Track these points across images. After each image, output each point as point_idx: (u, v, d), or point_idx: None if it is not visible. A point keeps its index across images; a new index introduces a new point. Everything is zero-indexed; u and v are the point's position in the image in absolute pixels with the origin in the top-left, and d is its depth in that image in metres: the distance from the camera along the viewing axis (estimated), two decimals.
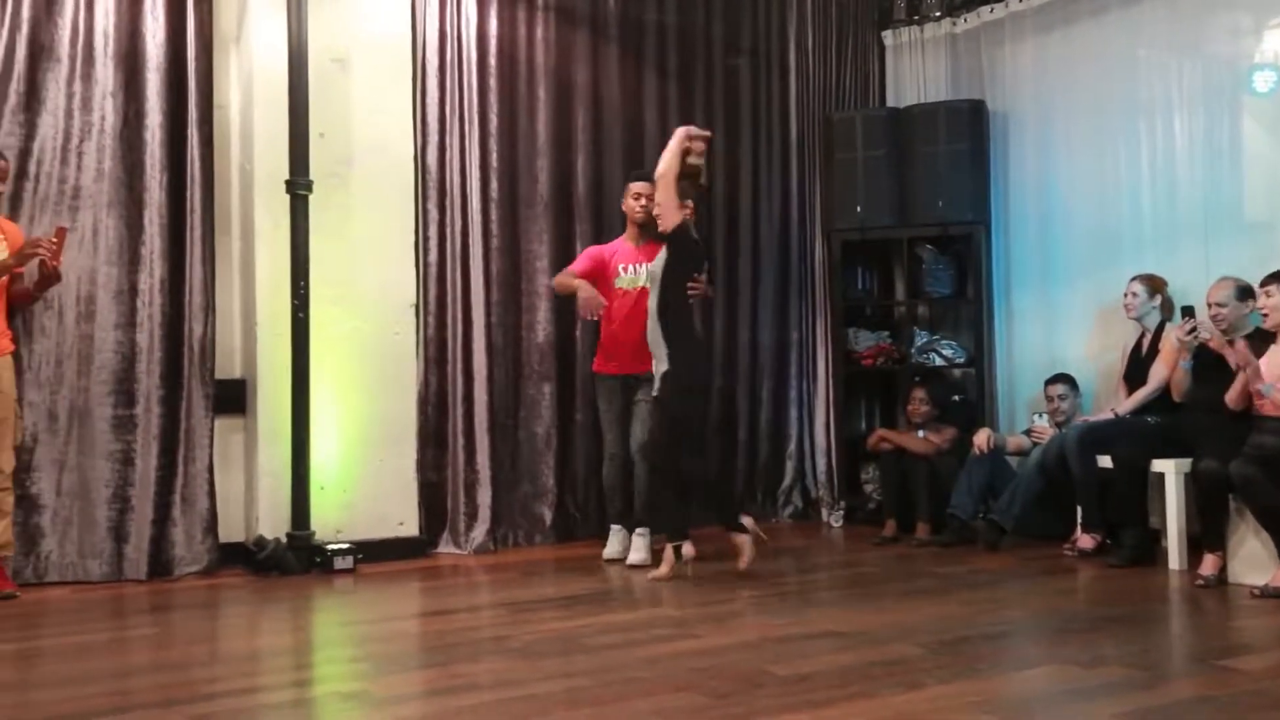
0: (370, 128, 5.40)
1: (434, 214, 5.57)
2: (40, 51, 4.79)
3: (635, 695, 3.12)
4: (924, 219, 6.32)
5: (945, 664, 3.40)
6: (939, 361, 6.39)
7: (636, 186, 5.29)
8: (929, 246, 6.42)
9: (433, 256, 5.57)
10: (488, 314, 5.66)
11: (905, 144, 6.33)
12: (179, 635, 4.15)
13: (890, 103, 6.81)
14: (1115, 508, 5.09)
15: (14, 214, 4.76)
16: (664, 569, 4.81)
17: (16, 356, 4.73)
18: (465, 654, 3.70)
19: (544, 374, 5.85)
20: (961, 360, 6.38)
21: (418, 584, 5.00)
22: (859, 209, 6.38)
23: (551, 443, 5.85)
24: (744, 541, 4.89)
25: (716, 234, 6.50)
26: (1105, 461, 5.11)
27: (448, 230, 5.59)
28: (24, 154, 4.78)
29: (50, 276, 4.62)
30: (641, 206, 5.23)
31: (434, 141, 5.57)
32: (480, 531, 5.58)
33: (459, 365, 5.59)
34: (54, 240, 4.54)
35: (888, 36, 6.92)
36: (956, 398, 6.30)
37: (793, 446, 6.67)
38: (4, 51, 4.71)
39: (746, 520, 5.08)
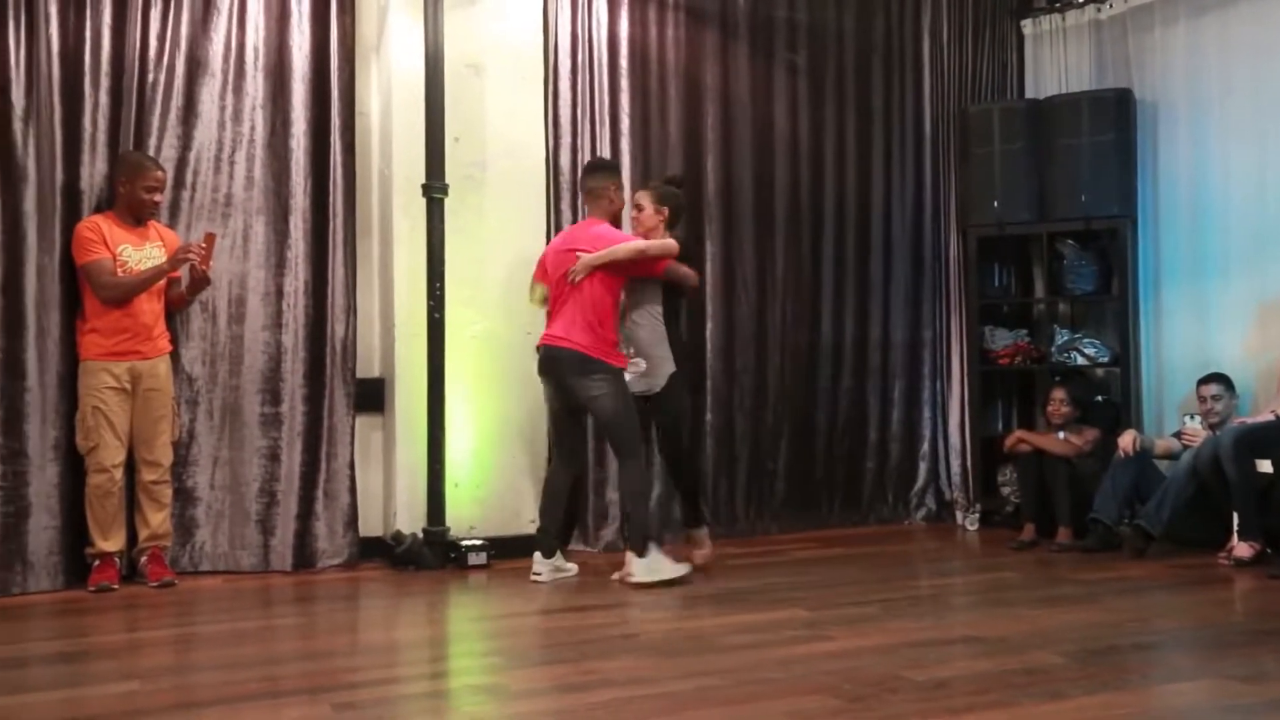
0: (504, 131, 5.49)
1: (567, 214, 5.63)
2: (196, 67, 5.02)
3: (768, 696, 3.10)
4: (1065, 213, 6.10)
5: (1091, 674, 3.28)
6: (1081, 361, 6.17)
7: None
8: (1070, 242, 6.20)
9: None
10: None
11: (1045, 136, 6.13)
12: (322, 625, 4.29)
13: (1029, 94, 6.61)
14: (1276, 515, 4.83)
15: (172, 222, 5.01)
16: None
17: (174, 357, 4.97)
18: (596, 650, 3.73)
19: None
20: (1105, 359, 6.14)
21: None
22: (996, 204, 6.21)
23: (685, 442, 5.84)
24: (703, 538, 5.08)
25: (847, 232, 6.41)
26: (1265, 466, 4.85)
27: None
28: (181, 164, 5.02)
29: (200, 280, 4.84)
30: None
31: (566, 143, 5.64)
32: (610, 530, 5.62)
33: None
34: (203, 245, 4.76)
35: (1027, 25, 6.71)
36: (1099, 398, 6.07)
37: (925, 447, 6.53)
38: (166, 68, 4.96)
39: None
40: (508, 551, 5.28)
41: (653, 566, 4.65)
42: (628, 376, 4.84)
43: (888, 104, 6.53)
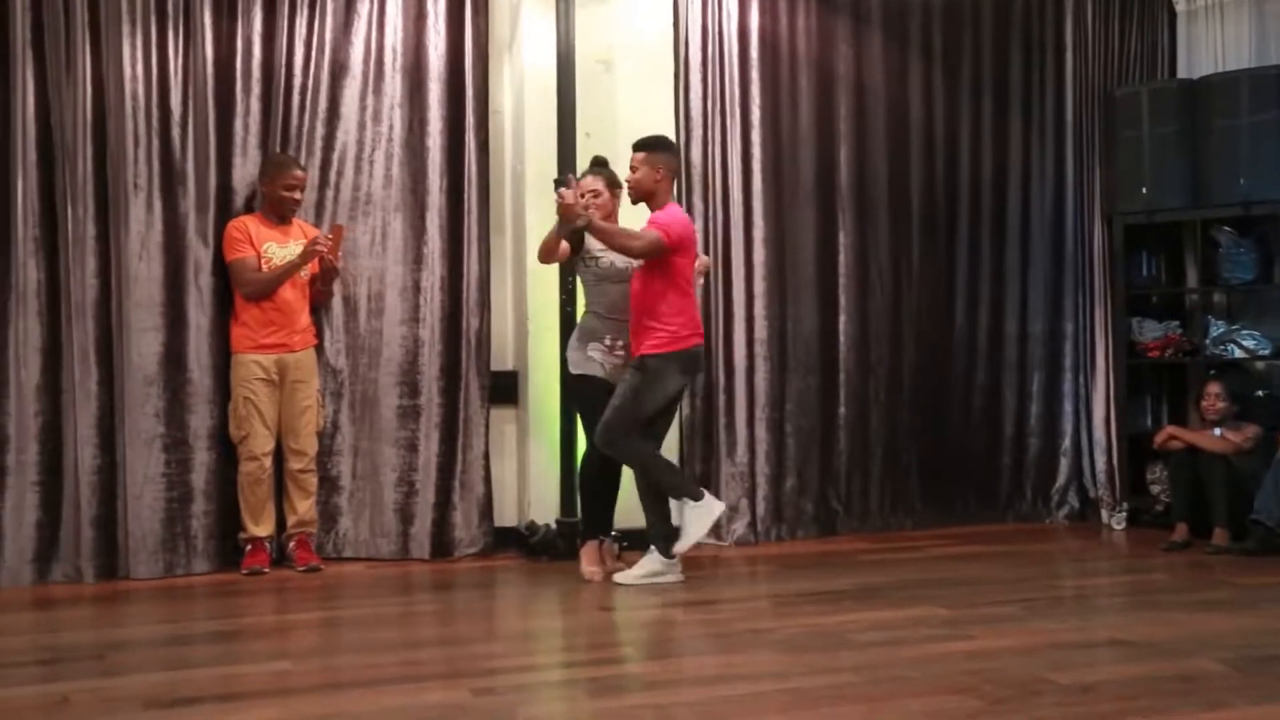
0: (634, 125, 5.47)
1: (698, 207, 5.63)
2: (339, 70, 5.19)
3: (905, 695, 3.04)
4: (1222, 199, 5.80)
5: (1255, 684, 3.11)
6: (1238, 354, 5.85)
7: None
8: (1227, 229, 5.89)
9: (697, 250, 5.63)
10: (749, 306, 5.67)
11: (1200, 118, 5.82)
12: (460, 613, 4.39)
13: (1181, 74, 6.30)
14: None
15: (317, 220, 5.18)
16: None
17: (319, 350, 5.16)
18: (728, 645, 3.72)
19: (809, 366, 5.81)
20: (1266, 352, 5.82)
21: (680, 573, 5.05)
22: (1144, 190, 5.94)
23: (816, 435, 5.80)
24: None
25: (983, 221, 6.24)
26: None
27: (710, 223, 5.64)
28: (325, 164, 5.19)
29: (329, 271, 4.98)
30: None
31: (697, 136, 5.63)
32: (741, 524, 5.60)
33: (720, 358, 5.64)
34: (329, 236, 4.91)
35: (1179, 3, 6.39)
36: (1260, 393, 5.75)
37: (1067, 443, 6.30)
38: (313, 71, 5.14)
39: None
40: (641, 543, 5.29)
41: (649, 569, 4.62)
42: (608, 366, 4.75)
43: (1027, 88, 6.32)
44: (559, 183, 4.56)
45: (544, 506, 5.34)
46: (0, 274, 4.70)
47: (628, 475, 4.80)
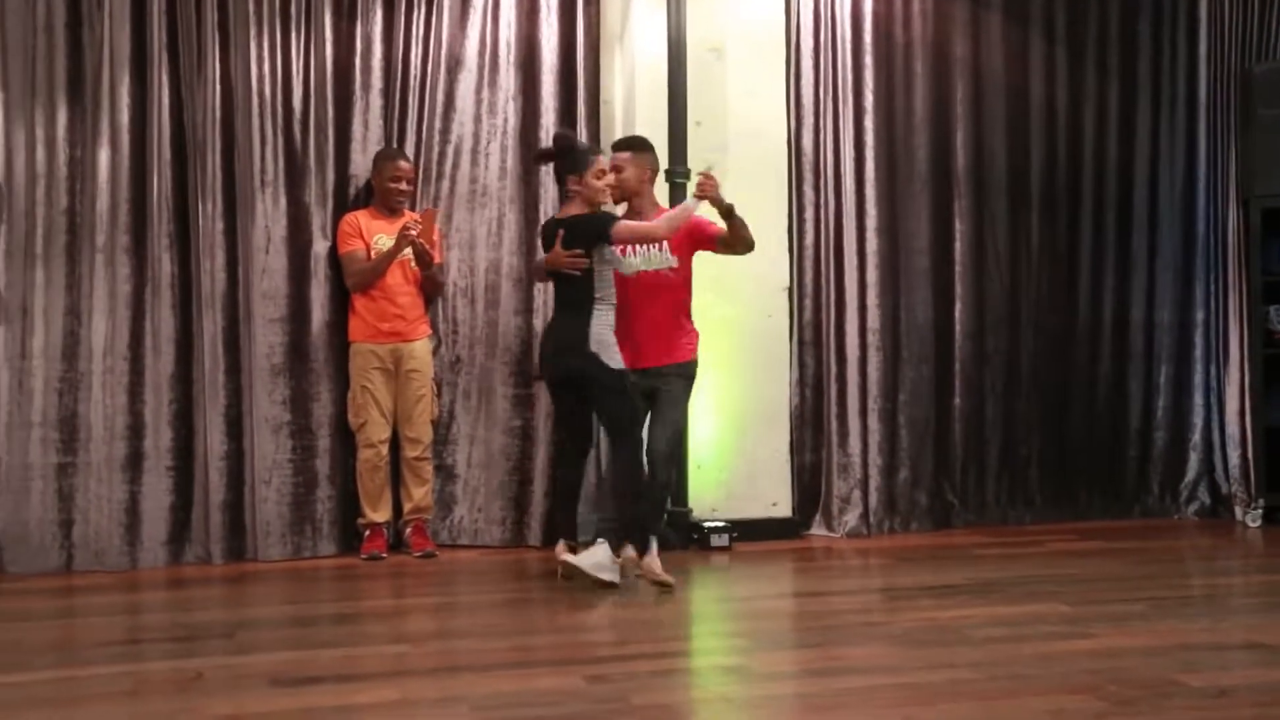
0: (745, 114, 5.47)
1: (809, 196, 5.57)
2: (455, 64, 5.28)
3: (1026, 693, 2.96)
4: None
5: None
6: None
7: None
8: None
9: (808, 239, 5.58)
10: (861, 295, 5.59)
11: None
12: (569, 601, 4.42)
13: None
14: None
15: (456, 217, 5.26)
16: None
17: (435, 339, 5.26)
18: (841, 637, 3.67)
19: (923, 356, 5.70)
20: None
21: (791, 564, 5.03)
22: None
23: (930, 426, 5.69)
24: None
25: (1107, 206, 6.02)
26: None
27: (822, 212, 5.58)
28: (441, 157, 5.29)
29: (423, 255, 5.01)
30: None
31: (809, 123, 5.57)
32: (853, 515, 5.53)
33: (832, 347, 5.57)
34: (418, 220, 4.96)
35: None
36: None
37: (1197, 437, 6.06)
38: (429, 66, 5.23)
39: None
40: (750, 534, 5.29)
41: (596, 558, 4.32)
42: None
43: (1156, 67, 6.08)
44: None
45: None
46: (137, 267, 4.91)
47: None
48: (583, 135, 5.34)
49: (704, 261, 5.32)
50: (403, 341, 5.07)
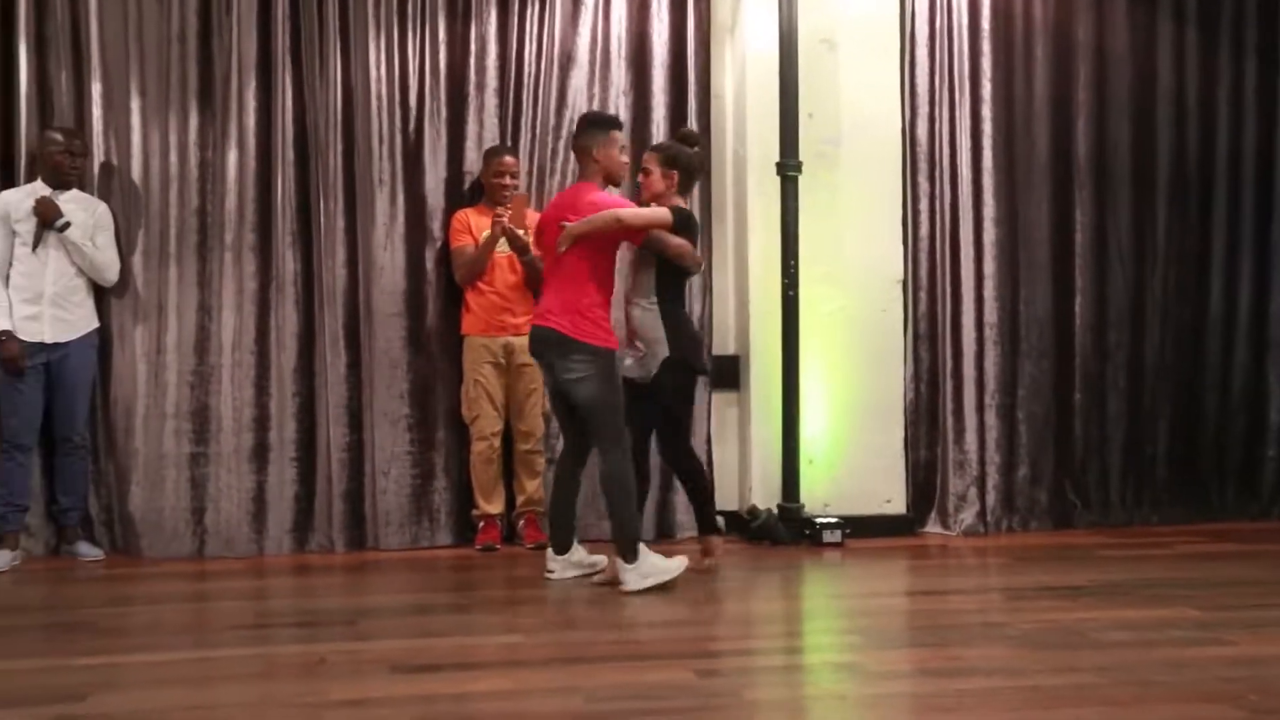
0: (858, 105, 5.40)
1: (924, 187, 5.46)
2: (566, 61, 5.33)
3: (1154, 700, 2.86)
4: None
5: None
6: None
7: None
8: None
9: (923, 231, 5.47)
10: (978, 287, 5.47)
11: None
12: (680, 594, 4.41)
13: None
14: None
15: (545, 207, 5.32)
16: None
17: None
18: (959, 637, 3.60)
19: (1043, 350, 5.54)
20: None
21: (905, 562, 4.95)
22: None
23: (1050, 422, 5.53)
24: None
25: (1244, 193, 5.76)
26: None
27: (938, 203, 5.46)
28: (553, 153, 5.33)
29: (515, 240, 4.94)
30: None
31: (923, 113, 5.46)
32: (970, 513, 5.41)
33: (947, 341, 5.46)
34: (508, 208, 4.93)
35: None
36: None
37: None
38: (542, 64, 5.28)
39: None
40: (863, 530, 5.22)
41: (644, 571, 4.23)
42: (628, 361, 4.46)
43: None
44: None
45: (765, 491, 5.34)
46: (262, 265, 5.09)
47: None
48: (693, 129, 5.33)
49: (814, 254, 5.30)
50: (514, 335, 5.12)
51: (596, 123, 4.44)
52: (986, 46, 5.50)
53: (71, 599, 4.29)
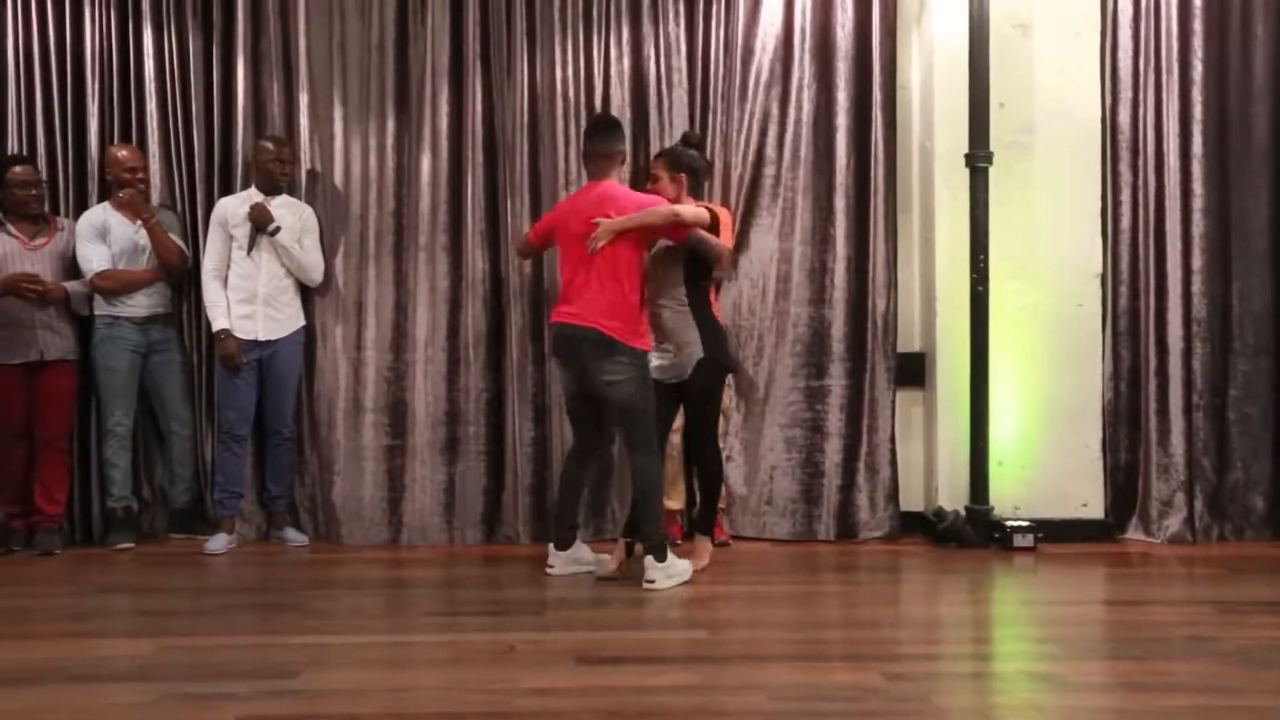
0: (1053, 92, 5.17)
1: (1126, 176, 5.19)
2: (749, 55, 5.30)
3: None
4: None
5: None
6: None
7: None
8: None
9: (1124, 223, 5.20)
10: (1185, 281, 5.15)
11: None
12: (864, 596, 4.36)
13: None
14: None
15: (724, 200, 5.29)
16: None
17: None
18: (1164, 650, 3.41)
19: (1258, 348, 5.18)
20: None
21: (1103, 569, 4.72)
22: None
23: (1267, 424, 5.17)
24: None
25: None
26: None
27: (1141, 194, 5.18)
28: (736, 149, 5.30)
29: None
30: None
31: (1125, 98, 5.18)
32: (1176, 519, 5.11)
33: (1151, 339, 5.17)
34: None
35: None
36: None
37: None
38: (727, 59, 5.27)
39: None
40: (1056, 535, 5.01)
41: (671, 571, 4.31)
42: (656, 362, 4.38)
43: None
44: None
45: (952, 492, 5.19)
46: (453, 264, 5.27)
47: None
48: (877, 122, 5.23)
49: (1005, 248, 5.12)
50: None
51: (615, 126, 4.57)
52: (1198, 25, 5.16)
53: (281, 581, 4.56)
